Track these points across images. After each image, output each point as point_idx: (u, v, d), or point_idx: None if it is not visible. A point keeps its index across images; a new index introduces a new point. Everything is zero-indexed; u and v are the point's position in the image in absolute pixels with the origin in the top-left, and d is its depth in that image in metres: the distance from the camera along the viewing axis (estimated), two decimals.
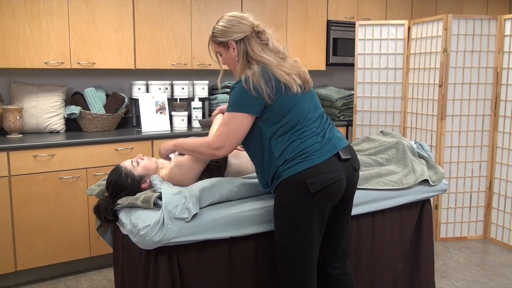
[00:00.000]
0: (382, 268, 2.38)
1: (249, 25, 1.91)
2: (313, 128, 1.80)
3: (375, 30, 3.86)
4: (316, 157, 1.74)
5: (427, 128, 3.67)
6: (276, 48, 1.86)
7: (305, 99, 1.82)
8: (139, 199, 1.90)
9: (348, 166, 1.82)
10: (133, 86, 3.59)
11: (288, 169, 1.74)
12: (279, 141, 1.77)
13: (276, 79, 1.75)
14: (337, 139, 1.83)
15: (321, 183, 1.72)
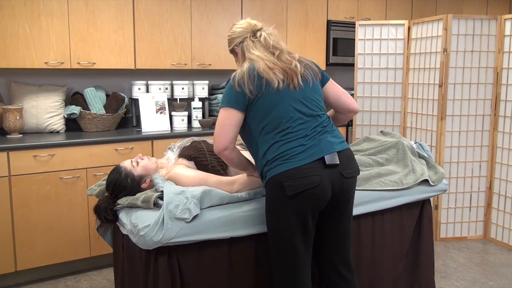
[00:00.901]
0: (382, 268, 2.38)
1: (246, 28, 1.98)
2: (299, 130, 1.77)
3: (375, 30, 3.86)
4: (296, 160, 1.72)
5: (427, 128, 3.67)
6: (268, 43, 1.92)
7: (291, 98, 1.80)
8: (139, 199, 1.90)
9: (334, 173, 1.76)
10: (133, 86, 3.59)
11: (270, 170, 1.76)
12: (264, 140, 1.79)
13: (259, 75, 1.78)
14: (327, 144, 1.78)
15: (299, 186, 1.70)
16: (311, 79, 1.89)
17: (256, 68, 1.81)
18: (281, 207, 1.75)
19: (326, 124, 1.87)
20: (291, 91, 1.81)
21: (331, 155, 1.76)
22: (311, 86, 1.88)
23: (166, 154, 2.30)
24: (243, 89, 1.77)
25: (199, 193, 1.89)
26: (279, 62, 1.85)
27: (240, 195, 2.01)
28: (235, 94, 1.79)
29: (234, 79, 1.80)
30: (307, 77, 1.88)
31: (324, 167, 1.74)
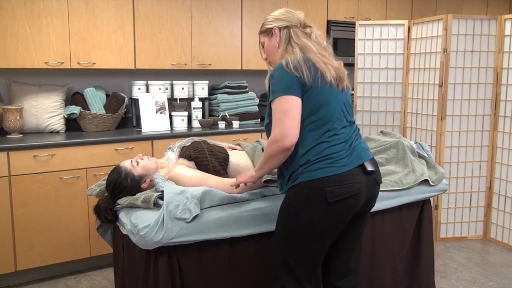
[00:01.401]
0: (382, 268, 2.38)
1: (296, 19, 1.93)
2: (342, 133, 1.73)
3: (375, 30, 3.86)
4: (341, 165, 1.67)
5: (427, 128, 3.67)
6: (319, 40, 1.86)
7: (339, 99, 1.76)
8: (139, 199, 1.90)
9: (371, 179, 1.76)
10: (133, 86, 3.59)
11: (308, 172, 1.67)
12: (309, 136, 1.69)
13: (314, 65, 1.71)
14: (363, 150, 1.77)
15: (341, 193, 1.65)
16: (348, 87, 1.86)
17: (311, 58, 1.73)
18: (315, 213, 1.68)
19: (358, 132, 1.85)
20: (340, 92, 1.77)
21: (369, 162, 1.76)
22: (347, 93, 1.85)
23: (166, 154, 2.31)
24: (301, 74, 1.67)
25: (199, 193, 1.89)
26: (330, 60, 1.79)
27: (240, 195, 2.01)
28: (292, 80, 1.66)
29: (288, 64, 1.68)
30: (348, 85, 1.85)
31: (364, 173, 1.72)
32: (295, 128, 1.66)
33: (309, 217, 1.69)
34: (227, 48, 3.81)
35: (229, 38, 3.81)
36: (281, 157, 1.69)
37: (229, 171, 2.20)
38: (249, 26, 3.89)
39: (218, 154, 2.19)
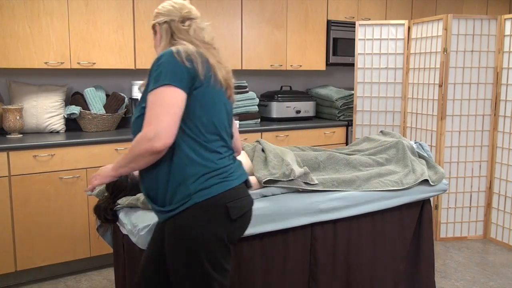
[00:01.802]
0: (382, 268, 2.38)
1: (178, 11, 1.59)
2: (228, 145, 1.57)
3: (375, 30, 3.86)
4: (234, 178, 1.51)
5: (427, 128, 3.67)
6: (198, 36, 1.57)
7: (227, 107, 1.57)
8: (139, 200, 1.90)
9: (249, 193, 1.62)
10: (133, 86, 3.59)
11: (203, 190, 1.44)
12: (194, 143, 1.46)
13: (207, 60, 1.50)
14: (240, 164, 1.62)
15: (240, 208, 1.50)
16: (233, 100, 1.65)
17: (203, 53, 1.51)
18: (218, 233, 1.47)
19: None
20: (226, 98, 1.58)
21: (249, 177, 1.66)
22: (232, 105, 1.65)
23: None
24: (194, 65, 1.43)
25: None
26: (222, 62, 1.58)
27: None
28: (182, 70, 1.41)
29: (179, 53, 1.43)
30: (233, 97, 1.64)
31: (247, 186, 1.61)
32: (173, 129, 1.39)
33: (210, 240, 1.46)
34: (227, 48, 3.81)
35: (229, 38, 3.81)
36: (149, 159, 1.42)
37: None
38: (249, 26, 3.89)
39: None
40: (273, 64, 4.05)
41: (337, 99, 4.20)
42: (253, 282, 2.03)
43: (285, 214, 2.04)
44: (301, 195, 2.11)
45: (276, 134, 3.79)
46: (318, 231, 2.16)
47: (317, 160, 2.31)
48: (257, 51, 3.96)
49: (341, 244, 2.24)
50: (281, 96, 4.07)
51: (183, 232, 1.45)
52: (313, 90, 4.52)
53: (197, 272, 1.47)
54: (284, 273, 2.11)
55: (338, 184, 2.20)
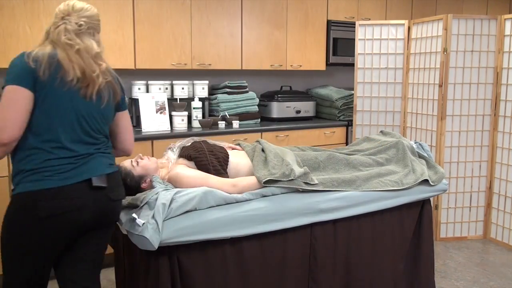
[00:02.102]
0: (382, 268, 2.38)
1: (59, 11, 1.69)
2: (72, 149, 1.61)
3: (375, 30, 3.86)
4: (59, 179, 1.57)
5: (427, 128, 3.67)
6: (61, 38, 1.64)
7: (79, 108, 1.63)
8: (139, 199, 1.90)
9: (100, 196, 1.66)
10: (133, 86, 3.59)
11: (24, 183, 1.56)
12: (31, 141, 1.58)
13: (58, 62, 1.59)
14: (99, 164, 1.67)
15: (54, 208, 1.56)
16: (106, 99, 1.69)
17: (58, 54, 1.60)
18: (27, 227, 1.57)
19: (104, 149, 1.73)
20: (83, 100, 1.63)
21: (101, 177, 1.66)
22: (102, 106, 1.69)
23: (166, 154, 2.30)
24: (37, 67, 1.55)
25: (194, 196, 1.89)
26: (80, 60, 1.63)
27: (240, 195, 2.02)
28: (25, 70, 1.55)
29: (30, 55, 1.58)
30: (103, 95, 1.68)
31: (91, 189, 1.63)
32: (17, 123, 1.53)
33: (20, 232, 1.58)
34: (227, 48, 3.81)
35: (229, 38, 3.81)
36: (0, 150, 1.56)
37: (229, 171, 2.20)
38: (249, 26, 3.89)
39: (218, 154, 2.19)
40: (273, 64, 4.05)
41: (337, 99, 4.20)
42: (253, 282, 2.03)
43: (285, 214, 2.04)
44: (301, 195, 2.11)
45: (276, 134, 3.79)
46: (318, 231, 2.16)
47: (317, 160, 2.31)
48: (257, 51, 3.96)
49: (341, 244, 2.24)
50: (281, 96, 4.07)
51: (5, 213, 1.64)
52: (313, 90, 4.52)
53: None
54: (284, 273, 2.11)
55: (338, 184, 2.20)
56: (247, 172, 2.21)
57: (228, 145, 2.43)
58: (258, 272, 2.04)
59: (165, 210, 1.80)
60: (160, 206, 1.79)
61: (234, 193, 2.01)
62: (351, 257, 2.28)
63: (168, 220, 1.80)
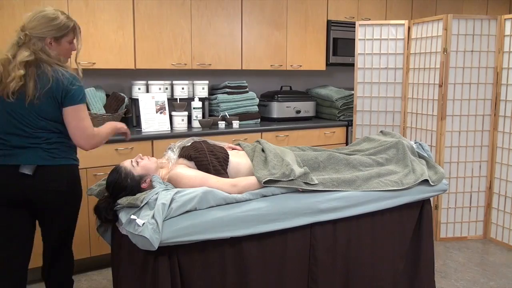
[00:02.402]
0: (382, 268, 2.38)
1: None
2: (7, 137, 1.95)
3: (375, 30, 3.86)
4: None
5: (427, 128, 3.67)
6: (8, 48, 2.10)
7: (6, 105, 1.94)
8: (139, 199, 1.90)
9: (27, 183, 1.93)
10: (133, 86, 3.59)
11: None
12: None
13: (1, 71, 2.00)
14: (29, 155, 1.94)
15: None
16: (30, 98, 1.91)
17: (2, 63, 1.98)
18: None
19: (41, 141, 1.95)
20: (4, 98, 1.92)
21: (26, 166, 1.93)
22: (26, 104, 1.92)
23: (166, 154, 2.31)
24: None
25: (192, 198, 1.89)
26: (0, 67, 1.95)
27: (240, 195, 2.02)
28: None
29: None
30: (22, 95, 1.91)
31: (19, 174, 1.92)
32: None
33: None
34: (227, 48, 3.81)
35: (229, 38, 3.81)
36: None
37: (229, 171, 2.20)
38: (249, 26, 3.89)
39: (218, 154, 2.19)
40: (273, 64, 4.05)
41: (337, 99, 4.20)
42: (252, 282, 2.03)
43: (285, 214, 2.04)
44: (301, 195, 2.11)
45: (276, 134, 3.79)
46: (318, 231, 2.16)
47: (317, 160, 2.31)
48: (257, 51, 3.96)
49: (341, 244, 2.24)
50: (281, 96, 4.07)
51: None
52: (313, 90, 4.52)
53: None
54: (284, 273, 2.11)
55: (338, 184, 2.20)
56: (247, 172, 2.21)
57: (228, 145, 2.43)
58: (258, 272, 2.04)
59: (165, 210, 1.80)
60: (160, 206, 1.79)
61: (234, 193, 2.01)
62: (351, 257, 2.28)
63: (168, 220, 1.80)
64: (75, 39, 2.08)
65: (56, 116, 1.96)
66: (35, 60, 1.95)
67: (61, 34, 2.01)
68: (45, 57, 1.96)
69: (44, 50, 1.97)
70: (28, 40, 1.99)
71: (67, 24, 2.02)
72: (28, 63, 1.94)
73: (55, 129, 1.97)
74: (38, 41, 1.98)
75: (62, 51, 2.05)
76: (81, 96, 2.01)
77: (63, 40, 2.03)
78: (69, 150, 2.05)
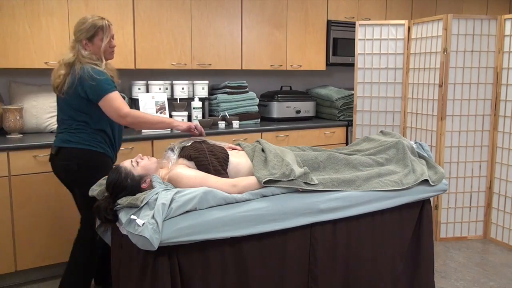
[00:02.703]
0: (382, 268, 2.38)
1: None
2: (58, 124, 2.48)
3: (375, 30, 3.86)
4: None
5: (427, 128, 3.67)
6: None
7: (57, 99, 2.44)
8: (139, 199, 1.90)
9: (54, 160, 2.42)
10: (133, 86, 3.59)
11: None
12: None
13: None
14: (57, 138, 2.40)
15: None
16: (64, 92, 2.33)
17: None
18: None
19: (68, 128, 2.37)
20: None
21: (53, 147, 2.41)
22: (62, 97, 2.35)
23: (166, 154, 2.30)
24: None
25: (192, 198, 1.89)
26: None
27: (240, 195, 2.02)
28: None
29: None
30: (63, 88, 2.32)
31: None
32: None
33: None
34: (227, 48, 3.81)
35: (229, 38, 3.81)
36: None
37: (229, 171, 2.20)
38: (249, 26, 3.89)
39: (218, 154, 2.19)
40: (273, 64, 4.05)
41: (337, 99, 4.20)
42: (252, 282, 2.03)
43: (285, 214, 2.04)
44: (301, 195, 2.11)
45: (276, 134, 3.79)
46: (318, 231, 2.16)
47: (317, 160, 2.31)
48: (257, 51, 3.96)
49: (340, 244, 2.24)
50: (281, 96, 4.07)
51: None
52: (313, 90, 4.52)
53: None
54: (283, 273, 2.11)
55: (338, 184, 2.20)
56: (247, 172, 2.21)
57: (228, 145, 2.43)
58: (258, 272, 2.04)
59: (165, 210, 1.80)
60: (160, 206, 1.79)
61: (234, 193, 2.01)
62: (351, 257, 2.28)
63: (168, 220, 1.80)
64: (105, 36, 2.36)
65: (80, 107, 2.32)
66: (74, 61, 2.31)
67: (91, 35, 2.32)
68: (80, 57, 2.31)
69: (80, 51, 2.31)
70: (73, 44, 2.35)
71: (94, 24, 2.32)
72: (70, 64, 2.31)
73: (78, 117, 2.34)
74: (77, 44, 2.33)
75: (98, 49, 2.34)
76: (103, 88, 2.26)
77: (95, 40, 2.33)
78: (91, 137, 2.37)
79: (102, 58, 2.37)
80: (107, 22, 2.36)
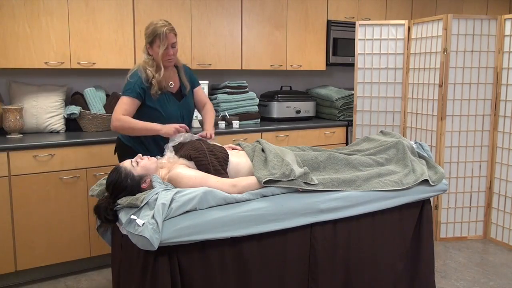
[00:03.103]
0: (382, 268, 2.38)
1: None
2: None
3: (375, 30, 3.86)
4: None
5: (427, 128, 3.67)
6: None
7: None
8: (139, 199, 1.90)
9: None
10: None
11: None
12: None
13: None
14: None
15: None
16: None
17: None
18: None
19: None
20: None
21: None
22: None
23: (166, 154, 2.30)
24: None
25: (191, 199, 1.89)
26: None
27: (240, 195, 2.02)
28: None
29: None
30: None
31: None
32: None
33: None
34: (227, 48, 3.81)
35: (229, 38, 3.81)
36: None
37: (229, 171, 2.20)
38: (249, 26, 3.89)
39: (218, 154, 2.19)
40: (273, 64, 4.05)
41: (337, 99, 4.20)
42: (252, 282, 2.03)
43: (285, 214, 2.04)
44: (301, 195, 2.11)
45: (276, 134, 3.79)
46: (318, 231, 2.16)
47: (317, 160, 2.31)
48: (257, 51, 3.96)
49: (340, 244, 2.24)
50: (281, 96, 4.07)
51: None
52: (313, 90, 4.52)
53: None
54: (284, 273, 2.11)
55: (338, 184, 2.20)
56: (247, 172, 2.21)
57: (228, 145, 2.43)
58: (258, 272, 2.04)
59: (165, 210, 1.80)
60: (160, 206, 1.79)
61: (234, 193, 2.01)
62: (351, 257, 2.28)
63: (168, 220, 1.80)
64: (162, 45, 2.37)
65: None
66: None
67: (150, 40, 2.39)
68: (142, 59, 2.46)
69: (143, 54, 2.46)
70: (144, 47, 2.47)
71: (154, 31, 2.37)
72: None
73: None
74: (145, 47, 2.45)
75: (156, 55, 2.39)
76: (123, 89, 2.40)
77: (154, 46, 2.39)
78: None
79: (161, 65, 2.40)
80: (165, 30, 2.35)
